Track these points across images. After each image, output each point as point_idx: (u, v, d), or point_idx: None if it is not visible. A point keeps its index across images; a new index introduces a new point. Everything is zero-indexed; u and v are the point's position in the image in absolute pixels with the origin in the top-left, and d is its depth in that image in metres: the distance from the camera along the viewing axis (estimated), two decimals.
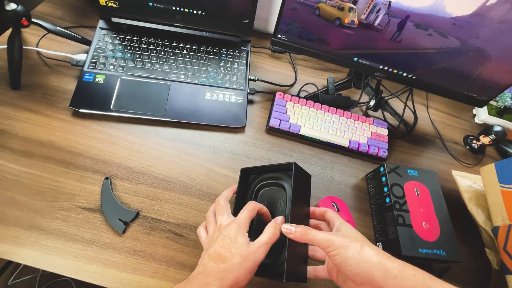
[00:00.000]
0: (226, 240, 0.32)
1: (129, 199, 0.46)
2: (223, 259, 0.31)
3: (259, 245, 0.32)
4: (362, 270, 0.28)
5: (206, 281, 0.29)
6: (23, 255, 0.39)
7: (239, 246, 0.32)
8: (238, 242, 0.32)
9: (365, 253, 0.29)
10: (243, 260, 0.31)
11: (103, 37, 0.59)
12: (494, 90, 0.56)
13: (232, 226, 0.34)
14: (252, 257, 0.31)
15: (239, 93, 0.59)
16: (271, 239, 0.33)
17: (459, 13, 0.46)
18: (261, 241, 0.33)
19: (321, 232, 0.32)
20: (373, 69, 0.58)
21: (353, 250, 0.29)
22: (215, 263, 0.31)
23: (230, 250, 0.31)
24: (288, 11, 0.52)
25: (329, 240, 0.30)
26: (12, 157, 0.46)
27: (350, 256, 0.29)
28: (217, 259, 0.31)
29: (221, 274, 0.30)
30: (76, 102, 0.51)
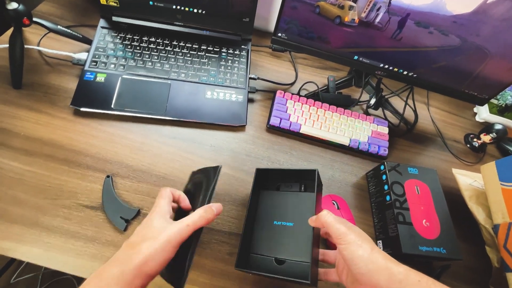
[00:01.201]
0: (140, 228, 0.32)
1: (130, 197, 0.46)
2: (132, 246, 0.30)
3: (176, 225, 0.31)
4: (369, 271, 0.29)
5: (107, 269, 0.28)
6: (26, 252, 0.40)
7: (151, 229, 0.31)
8: (152, 225, 0.31)
9: (374, 255, 0.29)
10: (152, 240, 0.29)
11: (104, 36, 0.59)
12: (495, 88, 0.56)
13: (150, 213, 0.33)
14: (164, 236, 0.29)
15: (239, 92, 0.59)
16: (196, 222, 0.32)
17: (460, 11, 0.46)
18: (182, 221, 0.31)
19: (342, 223, 0.32)
20: (373, 68, 0.58)
21: (364, 250, 0.29)
22: (123, 251, 0.30)
23: (142, 235, 0.30)
24: (288, 9, 0.52)
25: (343, 233, 0.31)
26: (14, 155, 0.46)
27: (360, 255, 0.29)
28: (126, 247, 0.30)
29: (125, 258, 0.29)
30: (77, 101, 0.52)
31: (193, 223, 0.31)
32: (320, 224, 0.34)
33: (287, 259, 0.40)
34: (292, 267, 0.39)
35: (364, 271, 0.29)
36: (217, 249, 0.44)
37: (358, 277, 0.30)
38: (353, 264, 0.30)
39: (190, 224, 0.31)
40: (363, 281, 0.29)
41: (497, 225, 0.45)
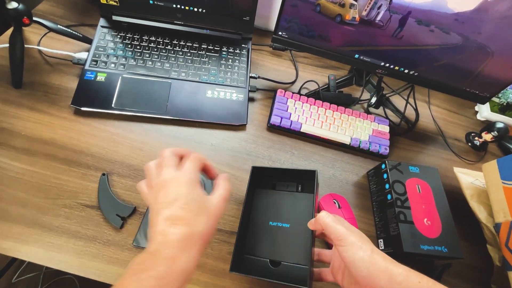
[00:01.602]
0: (182, 200, 0.28)
1: (131, 196, 0.46)
2: (186, 222, 0.27)
3: (219, 200, 0.31)
4: (369, 274, 0.28)
5: (172, 255, 0.25)
6: (27, 252, 0.40)
7: (200, 204, 0.29)
8: (197, 199, 0.29)
9: (374, 257, 0.29)
10: (208, 218, 0.29)
11: (104, 36, 0.59)
12: (496, 87, 0.56)
13: (183, 181, 0.29)
14: (215, 213, 0.30)
15: (240, 91, 0.59)
16: (228, 194, 0.33)
17: (461, 9, 0.46)
18: (221, 196, 0.31)
19: (341, 224, 0.32)
20: (374, 66, 0.57)
21: (364, 252, 0.29)
22: (178, 229, 0.26)
23: (192, 210, 0.28)
24: (288, 8, 0.52)
25: (343, 234, 0.30)
26: (14, 155, 0.46)
27: (360, 257, 0.29)
28: (179, 224, 0.27)
29: (188, 241, 0.26)
30: (77, 101, 0.51)
31: (227, 195, 0.32)
32: (319, 226, 0.33)
33: (283, 261, 0.40)
34: (288, 270, 0.39)
35: (365, 274, 0.29)
36: (218, 248, 0.44)
37: (359, 280, 0.29)
38: (354, 267, 0.29)
39: (227, 198, 0.33)
40: (363, 283, 0.29)
41: (498, 224, 0.45)
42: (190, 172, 0.30)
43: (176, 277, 0.25)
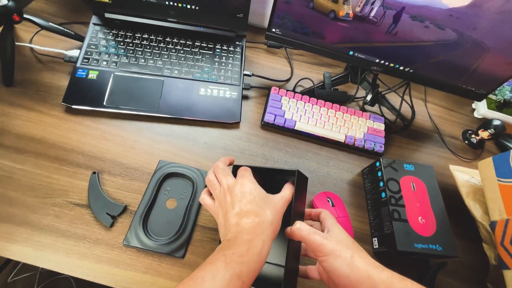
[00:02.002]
0: (248, 196, 0.32)
1: (122, 195, 0.46)
2: (255, 214, 0.31)
3: (280, 199, 0.34)
4: (350, 283, 0.28)
5: (248, 239, 0.29)
6: (16, 251, 0.39)
7: (264, 199, 0.33)
8: (261, 195, 0.33)
9: (354, 264, 0.28)
10: (274, 211, 0.32)
11: (96, 33, 0.59)
12: (492, 83, 0.55)
13: (245, 182, 0.34)
14: (279, 208, 0.33)
15: (233, 89, 0.59)
16: (290, 197, 0.35)
17: (456, 4, 0.45)
18: (284, 197, 0.34)
19: (317, 234, 0.31)
20: (369, 63, 0.57)
21: (343, 260, 0.29)
22: (250, 219, 0.30)
23: (258, 204, 0.32)
24: (282, 4, 0.51)
25: (320, 244, 0.30)
26: (4, 153, 0.46)
27: (339, 267, 0.28)
28: (249, 215, 0.31)
29: (260, 228, 0.30)
30: (69, 98, 0.51)
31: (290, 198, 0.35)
32: (296, 238, 0.32)
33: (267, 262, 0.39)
34: (265, 269, 0.38)
35: (346, 282, 0.28)
36: (208, 247, 0.44)
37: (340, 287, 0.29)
38: (334, 276, 0.29)
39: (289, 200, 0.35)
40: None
41: (494, 222, 0.45)
42: (248, 175, 0.35)
43: (254, 257, 0.28)
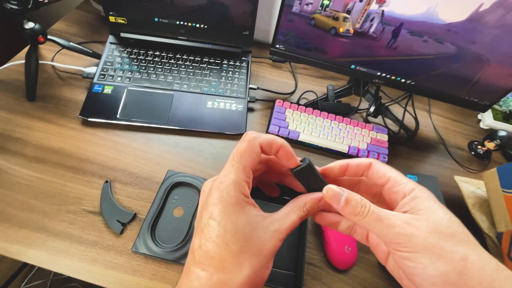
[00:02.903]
0: (213, 226, 0.19)
1: (132, 203, 0.48)
2: (216, 267, 0.18)
3: (280, 230, 0.20)
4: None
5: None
6: (31, 255, 0.41)
7: (243, 235, 0.19)
8: (239, 227, 0.19)
9: (469, 270, 0.17)
10: (256, 262, 0.19)
11: (112, 51, 0.63)
12: (495, 95, 0.56)
13: (215, 195, 0.20)
14: (268, 250, 0.19)
15: (239, 101, 0.61)
16: (300, 220, 0.21)
17: (453, 19, 0.47)
18: (286, 225, 0.21)
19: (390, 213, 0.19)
20: (371, 76, 0.58)
21: (448, 265, 0.17)
22: (204, 273, 0.19)
23: (228, 247, 0.18)
24: (285, 22, 0.54)
25: (402, 234, 0.18)
26: (25, 163, 0.49)
27: (442, 273, 0.17)
28: (206, 265, 0.19)
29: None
30: (85, 112, 0.55)
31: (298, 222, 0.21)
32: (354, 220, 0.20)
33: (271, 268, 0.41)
34: (276, 276, 0.41)
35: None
36: None
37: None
38: (424, 283, 0.18)
39: (293, 227, 0.21)
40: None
41: (500, 233, 0.44)
42: (228, 181, 0.20)
43: None
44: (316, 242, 0.48)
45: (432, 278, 0.17)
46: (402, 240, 0.18)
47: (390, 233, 0.19)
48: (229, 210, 0.19)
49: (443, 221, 0.18)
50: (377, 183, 0.23)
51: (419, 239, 0.18)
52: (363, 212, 0.20)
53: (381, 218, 0.19)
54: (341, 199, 0.20)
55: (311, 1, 0.50)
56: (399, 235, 0.18)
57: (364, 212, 0.20)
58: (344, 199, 0.20)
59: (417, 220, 0.19)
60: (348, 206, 0.20)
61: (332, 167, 0.24)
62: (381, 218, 0.19)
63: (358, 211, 0.20)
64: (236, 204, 0.20)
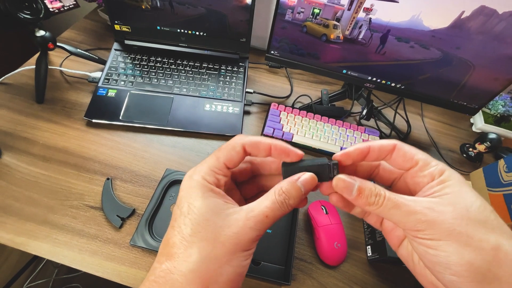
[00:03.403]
0: (175, 208, 0.20)
1: (131, 199, 0.50)
2: (168, 254, 0.18)
3: (247, 217, 0.19)
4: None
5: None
6: (36, 247, 0.44)
7: (192, 214, 0.18)
8: (195, 211, 0.18)
9: (501, 261, 0.15)
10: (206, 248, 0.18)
11: (117, 57, 0.67)
12: (483, 98, 0.57)
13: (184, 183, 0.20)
14: (229, 242, 0.18)
15: (236, 105, 0.64)
16: (280, 209, 0.19)
17: (437, 26, 0.49)
18: (256, 211, 0.19)
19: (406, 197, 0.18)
20: (362, 80, 0.61)
21: (479, 254, 0.15)
22: (159, 262, 0.19)
23: (181, 231, 0.18)
24: (278, 29, 0.57)
25: (423, 221, 0.16)
26: (32, 161, 0.52)
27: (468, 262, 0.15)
28: (162, 252, 0.19)
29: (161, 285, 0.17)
30: (90, 114, 0.58)
31: (275, 211, 0.19)
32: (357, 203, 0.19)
33: (263, 262, 0.44)
34: (266, 269, 0.44)
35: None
36: None
37: None
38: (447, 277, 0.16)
39: (270, 216, 0.19)
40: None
41: None
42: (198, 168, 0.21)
43: None
44: (307, 238, 0.50)
45: (457, 268, 0.15)
46: (423, 226, 0.17)
47: (409, 220, 0.17)
48: (189, 194, 0.19)
49: (473, 206, 0.17)
50: (403, 167, 0.21)
51: (444, 226, 0.16)
52: (378, 201, 0.18)
53: (398, 205, 0.18)
54: (353, 190, 0.19)
55: (302, 10, 0.53)
56: (420, 222, 0.17)
57: (379, 201, 0.18)
58: (356, 189, 0.19)
59: (441, 204, 0.17)
60: (361, 196, 0.19)
61: (351, 153, 0.21)
62: (399, 205, 0.18)
63: (373, 201, 0.18)
64: (198, 188, 0.19)
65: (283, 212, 0.20)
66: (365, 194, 0.19)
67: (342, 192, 0.20)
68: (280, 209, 0.20)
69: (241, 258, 0.18)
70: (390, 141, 0.21)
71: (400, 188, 0.22)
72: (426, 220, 0.17)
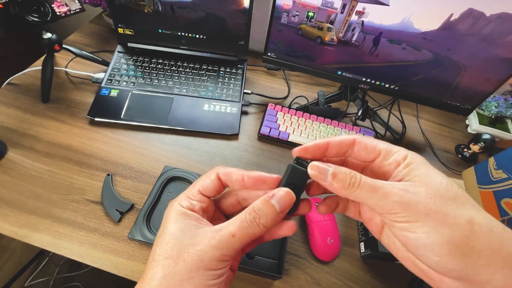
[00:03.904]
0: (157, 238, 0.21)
1: (130, 194, 0.52)
2: (143, 274, 0.20)
3: (212, 236, 0.19)
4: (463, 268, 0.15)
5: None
6: (38, 239, 0.45)
7: (163, 236, 0.19)
8: (166, 233, 0.20)
9: (477, 234, 0.15)
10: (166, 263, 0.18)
11: (120, 59, 0.69)
12: (476, 99, 0.59)
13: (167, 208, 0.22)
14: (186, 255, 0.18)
15: (234, 105, 0.66)
16: (249, 228, 0.19)
17: (427, 28, 0.51)
18: (224, 230, 0.19)
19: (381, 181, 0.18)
20: (357, 81, 0.62)
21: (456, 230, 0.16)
22: (140, 281, 0.20)
23: (153, 253, 0.20)
24: (275, 32, 0.59)
25: (400, 203, 0.17)
26: (37, 157, 0.54)
27: (448, 240, 0.15)
28: (144, 273, 0.20)
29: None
30: (93, 112, 0.60)
31: (243, 230, 0.19)
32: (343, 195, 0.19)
33: (256, 256, 0.45)
34: (260, 263, 0.45)
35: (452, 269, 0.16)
36: None
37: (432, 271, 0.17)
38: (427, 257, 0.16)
39: (237, 235, 0.19)
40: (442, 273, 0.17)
41: None
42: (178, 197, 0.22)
43: None
44: (301, 234, 0.51)
45: (438, 247, 0.16)
46: (400, 209, 0.17)
47: (386, 203, 0.17)
48: (165, 218, 0.21)
49: (442, 185, 0.17)
50: (366, 160, 0.21)
51: (420, 206, 0.16)
52: (353, 183, 0.18)
53: (375, 188, 0.18)
54: (328, 174, 0.19)
55: (297, 13, 0.55)
56: (397, 204, 0.17)
57: (355, 183, 0.18)
58: (331, 173, 0.19)
59: (414, 186, 0.17)
60: (336, 179, 0.19)
61: (309, 148, 0.21)
62: (375, 188, 0.18)
63: (348, 182, 0.18)
64: (172, 212, 0.21)
65: (254, 232, 0.19)
66: (340, 177, 0.19)
67: (318, 178, 0.20)
68: (250, 228, 0.19)
69: (205, 277, 0.18)
70: (349, 136, 0.21)
71: None
72: (402, 201, 0.17)
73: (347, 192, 0.19)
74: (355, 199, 0.19)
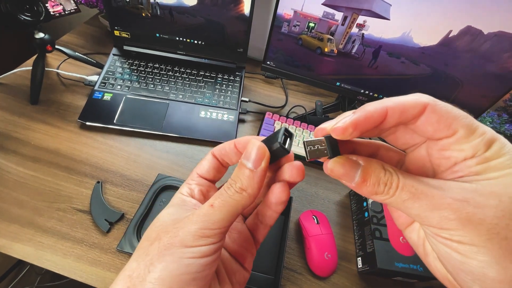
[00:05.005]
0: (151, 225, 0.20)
1: (121, 203, 0.49)
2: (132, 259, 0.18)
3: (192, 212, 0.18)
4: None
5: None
6: (18, 250, 0.43)
7: (153, 229, 0.18)
8: (157, 219, 0.19)
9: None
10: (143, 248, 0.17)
11: (115, 62, 0.67)
12: (471, 114, 0.59)
13: None
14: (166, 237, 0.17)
15: (231, 112, 0.64)
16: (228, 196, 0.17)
17: (426, 43, 0.51)
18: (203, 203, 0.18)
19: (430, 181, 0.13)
20: (355, 93, 0.62)
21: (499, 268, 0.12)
22: None
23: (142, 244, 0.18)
24: (275, 41, 0.59)
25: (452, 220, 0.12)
26: (21, 161, 0.51)
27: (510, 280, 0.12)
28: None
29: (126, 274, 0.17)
30: (84, 116, 0.58)
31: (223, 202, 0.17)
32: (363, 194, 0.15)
33: (252, 271, 0.42)
34: (256, 279, 0.43)
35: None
36: None
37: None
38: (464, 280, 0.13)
39: (217, 205, 0.17)
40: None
41: None
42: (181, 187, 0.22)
43: None
44: (298, 248, 0.49)
45: (493, 284, 0.12)
46: (452, 225, 0.12)
47: (433, 216, 0.12)
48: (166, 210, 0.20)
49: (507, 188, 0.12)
50: (432, 136, 0.14)
51: (482, 227, 0.11)
52: (388, 190, 0.14)
53: (418, 196, 0.13)
54: (356, 175, 0.14)
55: (298, 23, 0.55)
56: (449, 220, 0.12)
57: (391, 190, 0.13)
58: (360, 174, 0.14)
59: (481, 195, 0.12)
60: (367, 184, 0.14)
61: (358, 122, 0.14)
62: (419, 196, 0.13)
63: (382, 190, 0.14)
64: (172, 201, 0.21)
65: (235, 199, 0.17)
66: (371, 181, 0.14)
67: (341, 178, 0.15)
68: (228, 195, 0.17)
69: (179, 254, 0.16)
70: (417, 99, 0.14)
71: (414, 160, 0.16)
72: (457, 217, 0.12)
73: (379, 198, 0.14)
74: (390, 205, 0.14)
